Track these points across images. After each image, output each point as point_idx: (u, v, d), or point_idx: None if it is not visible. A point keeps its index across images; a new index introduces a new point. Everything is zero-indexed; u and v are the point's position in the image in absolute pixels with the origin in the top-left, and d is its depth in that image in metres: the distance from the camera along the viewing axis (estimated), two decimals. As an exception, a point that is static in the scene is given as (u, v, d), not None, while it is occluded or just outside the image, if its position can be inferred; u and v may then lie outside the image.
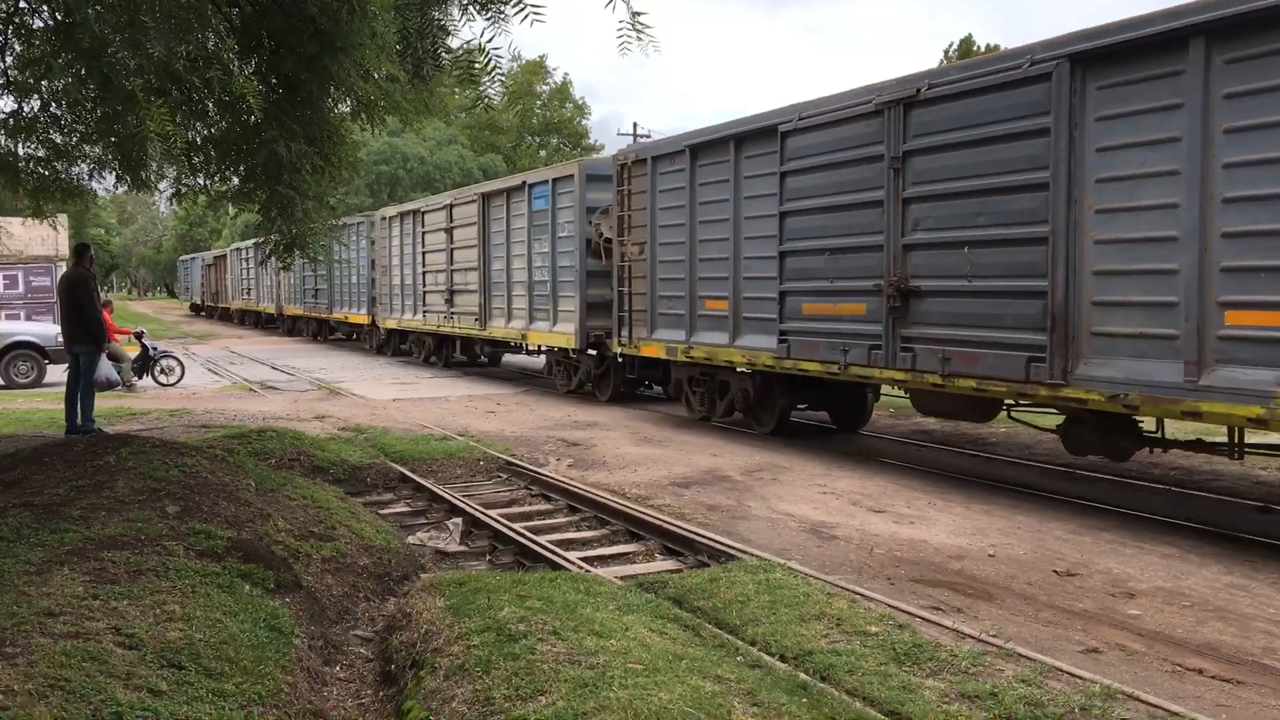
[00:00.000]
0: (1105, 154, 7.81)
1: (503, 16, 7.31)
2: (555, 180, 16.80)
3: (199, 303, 58.43)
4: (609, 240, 15.07)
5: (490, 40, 7.82)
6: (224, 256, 49.66)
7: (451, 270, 20.86)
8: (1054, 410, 9.29)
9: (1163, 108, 7.41)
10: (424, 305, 22.62)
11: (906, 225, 9.63)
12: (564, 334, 16.43)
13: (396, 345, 26.55)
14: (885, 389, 12.60)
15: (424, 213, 22.59)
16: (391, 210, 25.65)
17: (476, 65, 7.71)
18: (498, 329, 18.97)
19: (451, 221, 20.87)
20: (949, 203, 9.19)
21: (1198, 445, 8.73)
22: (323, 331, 34.21)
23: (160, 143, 6.80)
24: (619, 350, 14.82)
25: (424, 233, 22.37)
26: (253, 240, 36.90)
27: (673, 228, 13.34)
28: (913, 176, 9.56)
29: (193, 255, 64.38)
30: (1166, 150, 7.38)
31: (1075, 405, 8.24)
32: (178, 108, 7.70)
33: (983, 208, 8.87)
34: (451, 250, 20.85)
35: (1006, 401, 9.71)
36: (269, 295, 39.00)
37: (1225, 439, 8.37)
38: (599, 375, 16.66)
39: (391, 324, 25.22)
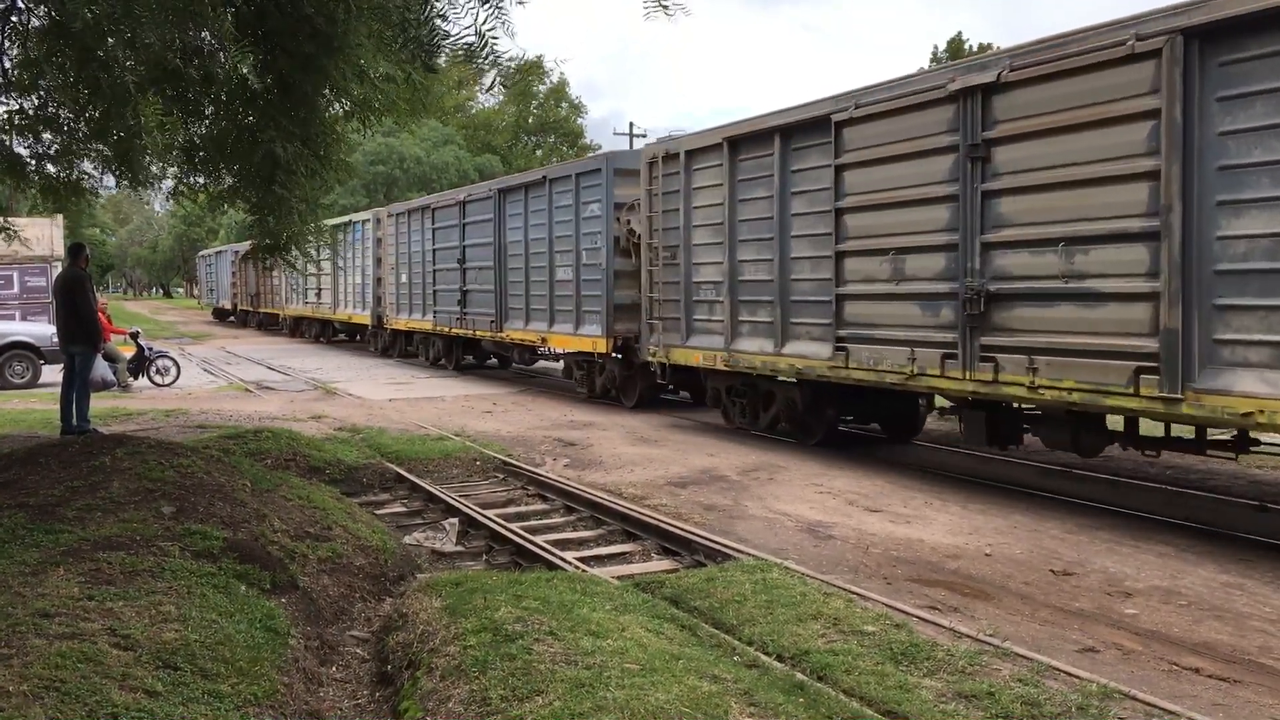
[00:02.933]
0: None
1: (501, 8, 7.24)
2: None
3: (229, 307, 46.97)
4: None
5: (491, 29, 7.73)
6: None
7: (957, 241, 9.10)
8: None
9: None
10: (786, 325, 11.28)
11: None
12: None
13: (643, 389, 15.48)
14: None
15: (794, 126, 11.08)
16: (686, 141, 13.08)
17: (476, 52, 7.63)
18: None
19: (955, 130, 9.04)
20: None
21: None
22: (452, 353, 22.96)
23: (157, 137, 6.79)
24: None
25: (794, 172, 11.16)
26: (336, 220, 28.90)
27: None
28: None
29: (218, 249, 52.27)
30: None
31: None
32: (174, 104, 7.68)
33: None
34: (989, 195, 8.78)
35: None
36: (357, 298, 28.19)
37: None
38: None
39: (685, 356, 13.05)
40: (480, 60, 7.62)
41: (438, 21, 7.60)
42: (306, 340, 34.74)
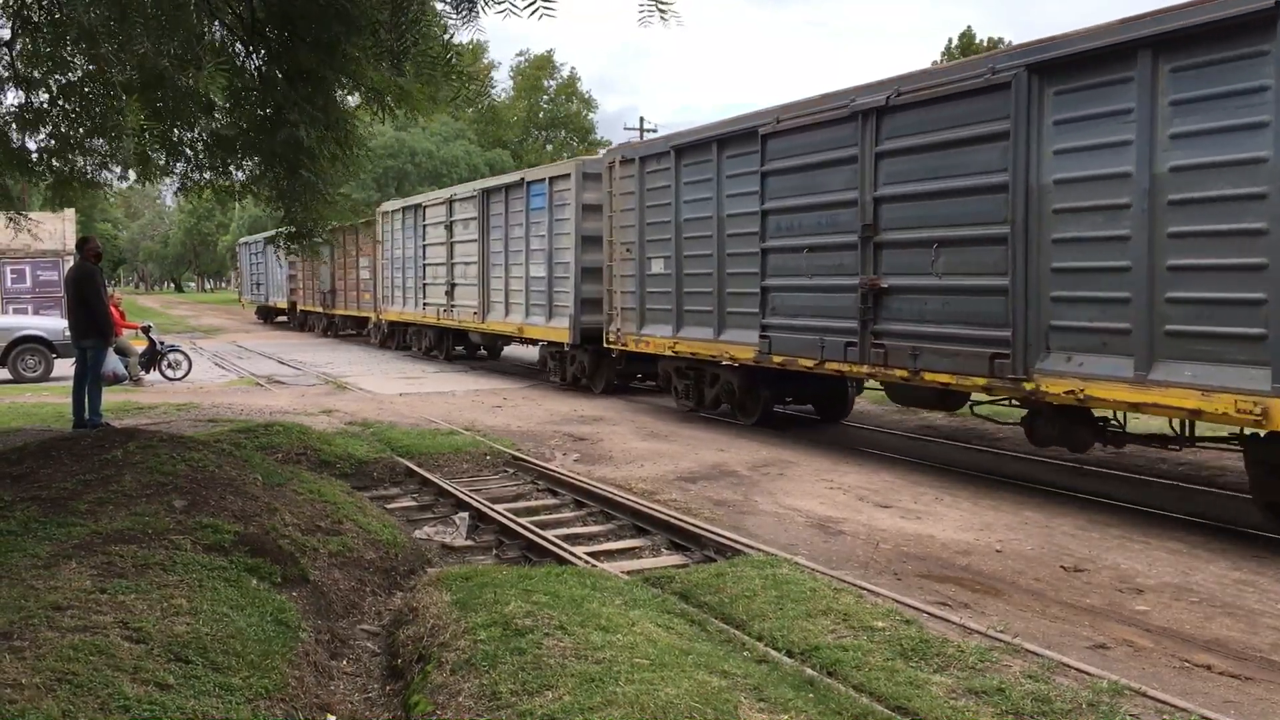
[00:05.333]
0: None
1: (473, 13, 7.25)
2: None
3: (282, 305, 38.53)
4: None
5: (452, 38, 7.75)
6: (355, 230, 28.69)
7: None
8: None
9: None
10: None
11: None
12: None
13: None
14: None
15: None
16: None
17: (439, 65, 7.66)
18: None
19: None
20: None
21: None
22: (755, 398, 13.08)
23: (138, 138, 6.83)
24: None
25: None
26: (476, 187, 20.56)
27: None
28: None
29: (270, 232, 34.64)
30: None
31: None
32: (168, 105, 7.69)
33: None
34: None
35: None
36: (535, 299, 17.83)
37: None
38: None
39: None
40: (437, 73, 7.65)
41: (409, 28, 7.59)
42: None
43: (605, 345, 15.44)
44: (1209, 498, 8.94)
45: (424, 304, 23.29)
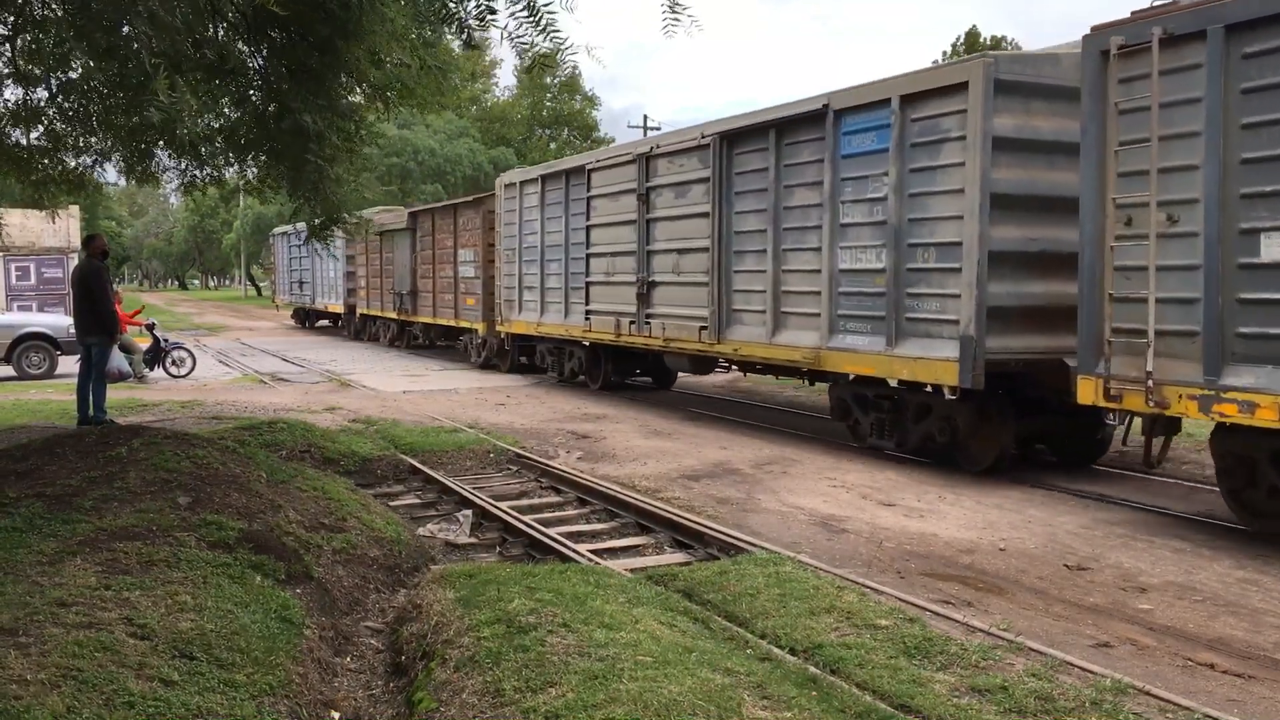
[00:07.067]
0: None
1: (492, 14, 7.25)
2: None
3: (336, 309, 31.10)
4: None
5: (550, 6, 7.73)
6: (452, 213, 21.92)
7: None
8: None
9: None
10: None
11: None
12: None
13: None
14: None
15: None
16: None
17: (530, 28, 7.66)
18: None
19: None
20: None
21: None
22: None
23: (198, 111, 6.79)
24: None
25: None
26: (707, 132, 12.56)
27: None
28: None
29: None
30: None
31: None
32: (201, 85, 7.70)
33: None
34: None
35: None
36: (874, 305, 10.13)
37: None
38: None
39: None
40: (534, 38, 7.53)
41: (442, 25, 7.60)
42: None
43: (1110, 405, 8.02)
44: (1212, 497, 8.92)
45: (587, 311, 15.90)
